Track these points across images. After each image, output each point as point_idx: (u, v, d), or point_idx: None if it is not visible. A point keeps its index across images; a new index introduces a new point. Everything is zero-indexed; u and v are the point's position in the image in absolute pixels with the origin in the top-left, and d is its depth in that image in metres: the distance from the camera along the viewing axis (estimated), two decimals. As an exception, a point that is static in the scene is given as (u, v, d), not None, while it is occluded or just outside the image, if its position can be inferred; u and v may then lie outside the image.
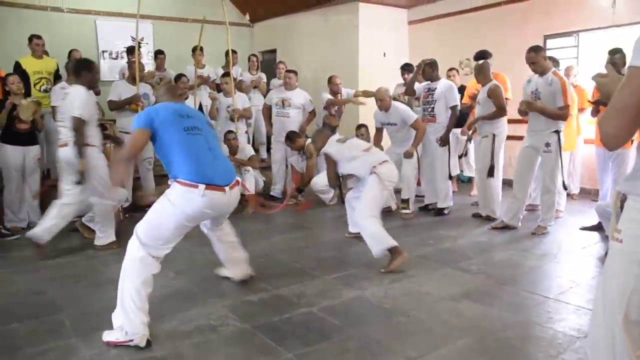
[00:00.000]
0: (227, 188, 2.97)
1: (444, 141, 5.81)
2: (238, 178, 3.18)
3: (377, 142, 6.04)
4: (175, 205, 2.86)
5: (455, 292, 3.42)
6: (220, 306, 3.24)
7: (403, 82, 7.18)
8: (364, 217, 4.03)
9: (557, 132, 4.85)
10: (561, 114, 4.78)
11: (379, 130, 6.12)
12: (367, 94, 6.97)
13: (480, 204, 5.73)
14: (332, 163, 4.45)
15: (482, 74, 5.58)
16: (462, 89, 6.91)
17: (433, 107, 5.90)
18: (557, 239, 4.88)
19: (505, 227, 5.16)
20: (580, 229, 5.15)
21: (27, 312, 3.25)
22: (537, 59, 4.80)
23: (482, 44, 6.95)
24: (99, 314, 3.17)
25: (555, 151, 4.86)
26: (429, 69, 5.93)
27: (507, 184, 5.93)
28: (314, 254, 4.43)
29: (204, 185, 2.83)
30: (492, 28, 7.87)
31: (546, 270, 3.99)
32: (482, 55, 6.09)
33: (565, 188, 5.15)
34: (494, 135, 5.47)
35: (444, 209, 5.95)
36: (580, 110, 6.29)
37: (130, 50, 7.78)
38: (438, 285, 3.57)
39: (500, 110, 5.43)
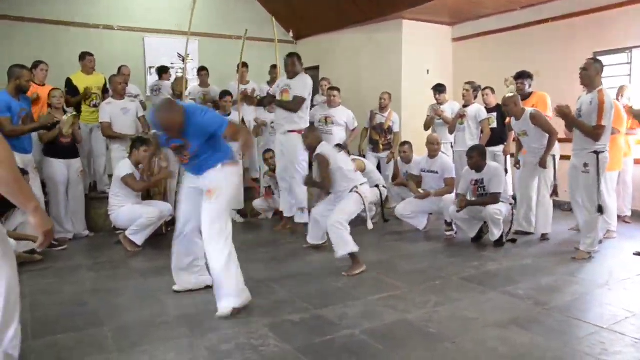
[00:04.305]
0: None
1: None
2: None
3: (414, 188, 6.13)
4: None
5: (502, 318, 3.30)
6: (261, 325, 3.21)
7: (436, 102, 7.15)
8: (336, 221, 4.37)
9: (596, 152, 4.69)
10: (591, 132, 4.64)
11: (413, 177, 6.21)
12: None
13: (539, 223, 5.61)
14: (325, 164, 4.66)
15: (513, 106, 5.45)
16: (499, 108, 6.77)
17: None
18: (608, 264, 4.66)
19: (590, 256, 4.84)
20: (634, 254, 4.91)
21: (71, 324, 3.30)
22: (590, 67, 4.73)
23: (528, 62, 6.83)
24: (140, 329, 3.20)
25: (594, 172, 4.70)
26: (475, 160, 5.37)
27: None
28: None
29: None
30: (538, 45, 7.68)
31: (597, 297, 3.81)
32: (525, 74, 6.03)
33: (600, 212, 4.80)
34: (553, 157, 5.43)
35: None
36: (631, 129, 6.09)
37: (163, 70, 8.02)
38: (484, 310, 3.44)
39: (554, 135, 5.34)
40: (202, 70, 8.01)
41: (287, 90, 5.90)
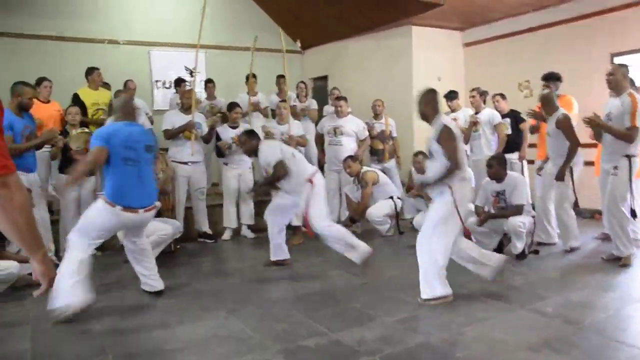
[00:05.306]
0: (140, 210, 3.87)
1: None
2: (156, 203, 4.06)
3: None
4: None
5: (533, 339, 3.07)
6: (275, 351, 3.00)
7: (449, 109, 6.95)
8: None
9: (628, 156, 4.57)
10: (626, 134, 4.52)
11: None
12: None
13: (563, 237, 5.38)
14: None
15: (547, 105, 5.26)
16: (512, 114, 6.58)
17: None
18: (639, 275, 4.43)
19: (618, 259, 4.69)
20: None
21: (73, 352, 3.14)
22: (616, 71, 4.63)
23: (543, 65, 6.61)
24: (146, 358, 3.01)
25: (624, 176, 4.57)
26: (495, 169, 5.15)
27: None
28: (374, 292, 4.14)
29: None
30: (553, 48, 7.48)
31: (633, 313, 3.55)
32: (550, 76, 5.81)
33: (634, 216, 4.72)
34: (571, 168, 5.18)
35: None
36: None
37: (178, 82, 7.82)
38: (513, 331, 3.21)
39: (575, 145, 5.09)
40: (209, 82, 7.88)
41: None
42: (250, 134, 5.08)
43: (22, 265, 4.50)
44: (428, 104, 3.92)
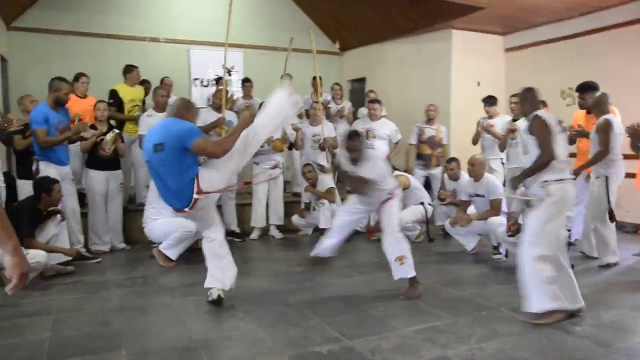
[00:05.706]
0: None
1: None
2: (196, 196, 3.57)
3: (460, 217, 5.54)
4: None
5: (557, 360, 2.92)
6: (286, 356, 2.95)
7: (486, 115, 6.73)
8: None
9: None
10: None
11: (464, 203, 5.67)
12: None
13: (598, 252, 5.14)
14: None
15: (597, 107, 5.02)
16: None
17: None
18: (679, 296, 4.18)
19: None
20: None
21: (89, 345, 3.15)
22: None
23: (587, 73, 6.34)
24: (158, 355, 3.00)
25: None
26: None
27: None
28: (396, 299, 4.03)
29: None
30: (598, 55, 7.17)
31: (670, 338, 3.35)
32: (588, 86, 5.55)
33: None
34: (606, 178, 4.91)
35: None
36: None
37: (218, 81, 7.86)
38: (536, 350, 3.05)
39: (603, 151, 4.84)
40: (246, 82, 7.90)
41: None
42: (362, 138, 4.46)
43: (51, 254, 4.61)
44: (525, 102, 3.81)
